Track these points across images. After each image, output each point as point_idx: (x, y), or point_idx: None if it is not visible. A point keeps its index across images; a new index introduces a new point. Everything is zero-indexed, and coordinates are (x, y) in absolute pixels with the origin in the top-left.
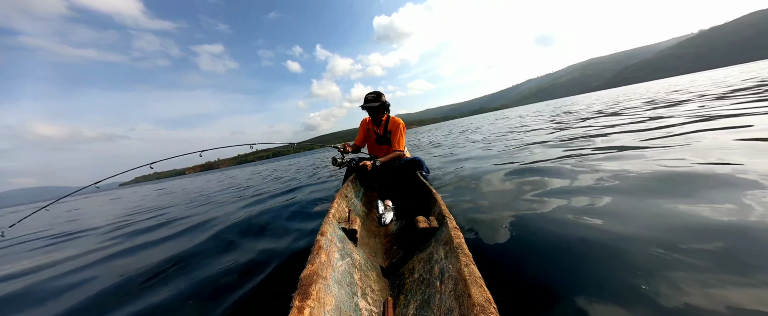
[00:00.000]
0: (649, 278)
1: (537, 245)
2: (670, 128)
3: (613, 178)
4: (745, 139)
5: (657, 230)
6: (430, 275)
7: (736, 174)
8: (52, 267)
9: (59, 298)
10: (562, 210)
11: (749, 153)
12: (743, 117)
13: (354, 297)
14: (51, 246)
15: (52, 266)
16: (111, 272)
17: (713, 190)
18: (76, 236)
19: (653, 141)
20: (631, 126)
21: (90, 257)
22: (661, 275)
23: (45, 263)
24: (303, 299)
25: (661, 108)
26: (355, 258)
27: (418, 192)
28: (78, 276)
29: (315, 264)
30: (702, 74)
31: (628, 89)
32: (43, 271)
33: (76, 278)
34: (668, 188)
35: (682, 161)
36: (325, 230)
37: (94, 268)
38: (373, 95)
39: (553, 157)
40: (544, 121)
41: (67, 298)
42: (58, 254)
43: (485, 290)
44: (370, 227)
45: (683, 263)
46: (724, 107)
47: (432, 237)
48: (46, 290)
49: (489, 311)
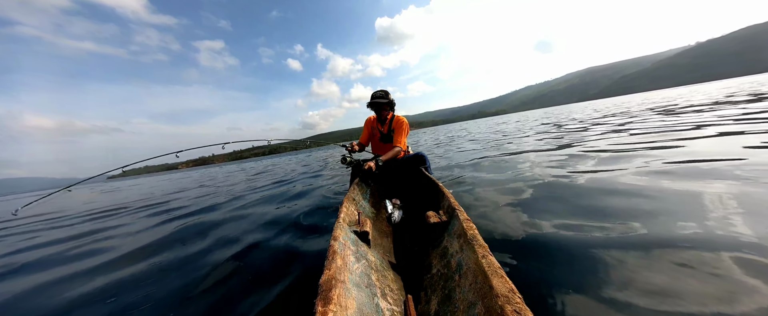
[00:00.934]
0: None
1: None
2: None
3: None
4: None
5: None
6: (447, 269)
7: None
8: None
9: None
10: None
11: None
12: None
13: (374, 298)
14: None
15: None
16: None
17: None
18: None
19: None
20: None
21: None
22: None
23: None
24: (325, 304)
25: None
26: (370, 259)
27: (425, 187)
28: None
29: (332, 269)
30: (698, 86)
31: (625, 99)
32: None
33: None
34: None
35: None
36: (337, 234)
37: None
38: (381, 93)
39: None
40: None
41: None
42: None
43: (507, 281)
44: (380, 227)
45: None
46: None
47: (444, 231)
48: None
49: (514, 301)
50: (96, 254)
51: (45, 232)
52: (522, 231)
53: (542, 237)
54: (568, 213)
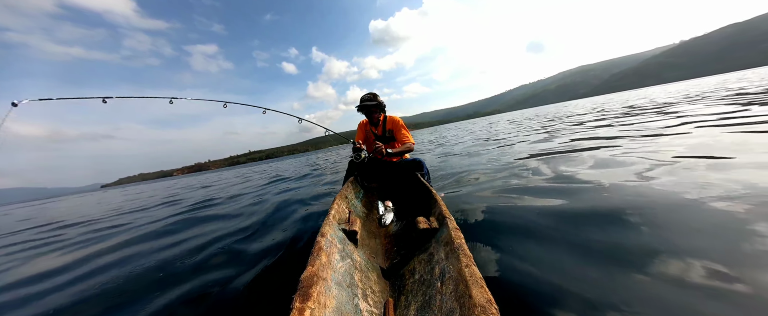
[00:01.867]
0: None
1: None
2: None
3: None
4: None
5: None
6: (430, 275)
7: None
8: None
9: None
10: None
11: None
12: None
13: (355, 298)
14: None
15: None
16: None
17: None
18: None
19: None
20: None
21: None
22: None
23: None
24: (303, 300)
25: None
26: (356, 259)
27: (418, 193)
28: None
29: (315, 266)
30: (679, 84)
31: (607, 97)
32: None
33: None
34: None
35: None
36: (325, 231)
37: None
38: (369, 96)
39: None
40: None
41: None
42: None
43: (486, 291)
44: (370, 228)
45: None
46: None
47: (432, 238)
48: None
49: (490, 312)
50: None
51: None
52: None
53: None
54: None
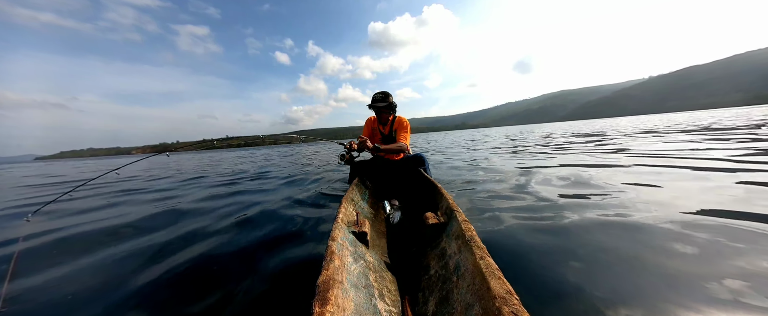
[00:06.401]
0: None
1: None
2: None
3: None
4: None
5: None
6: (445, 270)
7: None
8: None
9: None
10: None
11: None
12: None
13: (372, 299)
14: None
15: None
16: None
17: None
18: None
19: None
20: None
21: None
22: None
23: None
24: (322, 305)
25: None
26: (368, 260)
27: (424, 188)
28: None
29: (330, 269)
30: (638, 118)
31: (573, 124)
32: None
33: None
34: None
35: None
36: (335, 234)
37: None
38: (381, 95)
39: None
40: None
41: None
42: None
43: (505, 282)
44: (379, 227)
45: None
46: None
47: (442, 232)
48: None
49: (511, 303)
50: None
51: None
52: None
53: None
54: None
